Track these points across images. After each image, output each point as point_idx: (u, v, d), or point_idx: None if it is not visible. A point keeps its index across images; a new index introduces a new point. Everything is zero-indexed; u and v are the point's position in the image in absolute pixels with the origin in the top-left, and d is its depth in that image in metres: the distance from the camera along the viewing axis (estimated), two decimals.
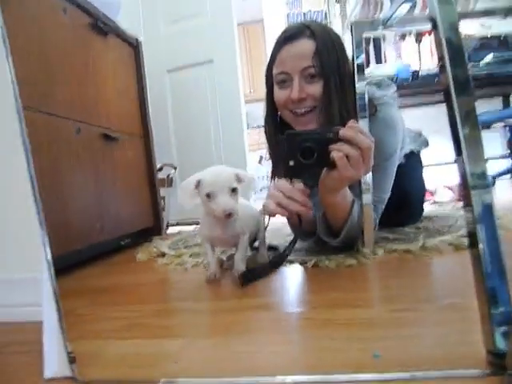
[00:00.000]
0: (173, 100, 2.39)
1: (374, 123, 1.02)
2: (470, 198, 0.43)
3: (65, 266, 1.18)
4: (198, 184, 0.87)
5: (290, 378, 0.46)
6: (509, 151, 2.96)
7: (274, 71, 1.06)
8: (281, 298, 0.82)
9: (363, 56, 1.02)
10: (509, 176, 2.94)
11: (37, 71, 1.14)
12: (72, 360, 0.52)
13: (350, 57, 1.04)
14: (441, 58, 0.46)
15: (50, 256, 0.54)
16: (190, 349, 0.58)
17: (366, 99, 0.99)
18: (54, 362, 0.53)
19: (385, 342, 0.53)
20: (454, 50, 0.45)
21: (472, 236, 0.44)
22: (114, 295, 0.94)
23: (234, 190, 0.86)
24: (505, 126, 2.81)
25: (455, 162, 0.45)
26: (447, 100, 0.46)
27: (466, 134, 0.44)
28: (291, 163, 0.82)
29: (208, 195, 0.85)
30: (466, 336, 0.54)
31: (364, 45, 1.03)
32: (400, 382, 0.42)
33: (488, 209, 0.43)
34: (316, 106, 1.03)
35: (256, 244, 1.12)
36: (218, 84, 2.29)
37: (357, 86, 0.99)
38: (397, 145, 1.09)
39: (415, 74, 2.47)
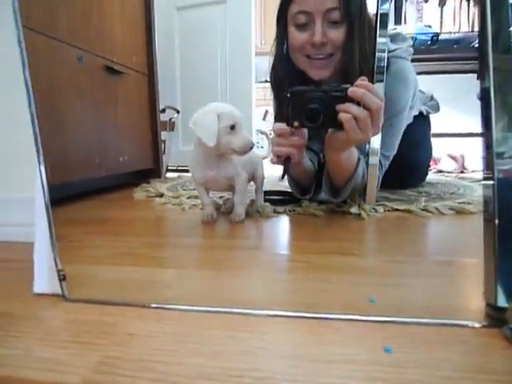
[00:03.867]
0: (180, 41, 2.28)
1: (386, 77, 0.97)
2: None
3: (61, 196, 1.16)
4: (218, 118, 0.83)
5: (282, 313, 0.45)
6: None
7: (292, 9, 0.96)
8: (276, 243, 0.82)
9: (388, 6, 0.93)
10: None
11: None
12: (62, 278, 0.51)
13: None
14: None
15: (43, 173, 0.52)
16: (182, 278, 0.58)
17: (386, 58, 0.93)
18: (44, 278, 0.52)
19: (380, 288, 0.52)
20: None
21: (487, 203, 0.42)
22: (109, 227, 0.93)
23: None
24: None
25: (481, 134, 0.42)
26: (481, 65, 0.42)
27: (498, 102, 0.40)
28: (296, 124, 0.77)
29: (232, 127, 0.84)
30: (461, 290, 0.54)
31: None
32: (395, 326, 0.41)
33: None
34: (333, 53, 0.96)
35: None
36: (229, 28, 2.18)
37: (378, 41, 0.92)
38: (407, 101, 1.04)
39: (435, 37, 2.35)
